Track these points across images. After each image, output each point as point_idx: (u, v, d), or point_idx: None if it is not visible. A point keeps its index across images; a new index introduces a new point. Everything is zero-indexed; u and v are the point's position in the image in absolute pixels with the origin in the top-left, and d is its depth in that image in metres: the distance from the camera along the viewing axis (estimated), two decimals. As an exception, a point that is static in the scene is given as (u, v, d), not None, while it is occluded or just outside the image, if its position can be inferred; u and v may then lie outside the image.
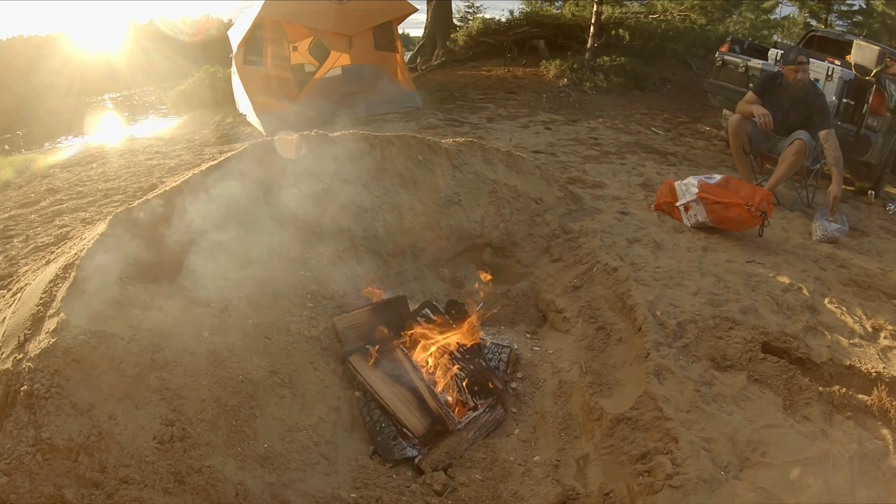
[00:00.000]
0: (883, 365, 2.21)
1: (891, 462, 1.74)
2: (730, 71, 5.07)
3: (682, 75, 8.41)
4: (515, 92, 7.47)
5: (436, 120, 6.33)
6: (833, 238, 3.70)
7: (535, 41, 9.23)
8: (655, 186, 4.59)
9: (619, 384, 2.14)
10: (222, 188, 2.47)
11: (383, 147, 3.32)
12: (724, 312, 2.50)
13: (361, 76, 6.53)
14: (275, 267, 2.38)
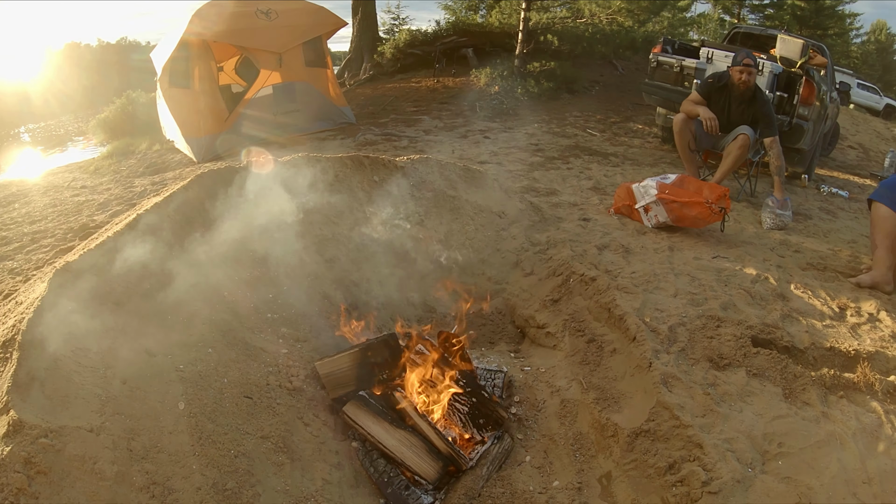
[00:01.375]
0: (857, 342, 2.52)
1: (886, 431, 1.97)
2: (665, 71, 5.55)
3: (609, 76, 9.10)
4: (448, 102, 7.73)
5: (372, 135, 6.41)
6: (783, 225, 4.17)
7: (463, 50, 9.72)
8: (606, 189, 4.92)
9: (625, 397, 2.28)
10: (171, 228, 2.39)
11: (337, 170, 3.34)
12: (706, 311, 2.72)
13: (293, 94, 6.61)
14: (240, 312, 2.31)
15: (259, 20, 6.37)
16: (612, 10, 7.35)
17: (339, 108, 7.18)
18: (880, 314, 2.82)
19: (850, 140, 8.76)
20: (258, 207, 2.81)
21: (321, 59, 7.07)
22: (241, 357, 2.10)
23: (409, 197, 3.56)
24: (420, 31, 10.60)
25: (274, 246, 2.71)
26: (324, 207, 3.13)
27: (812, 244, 3.85)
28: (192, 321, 2.09)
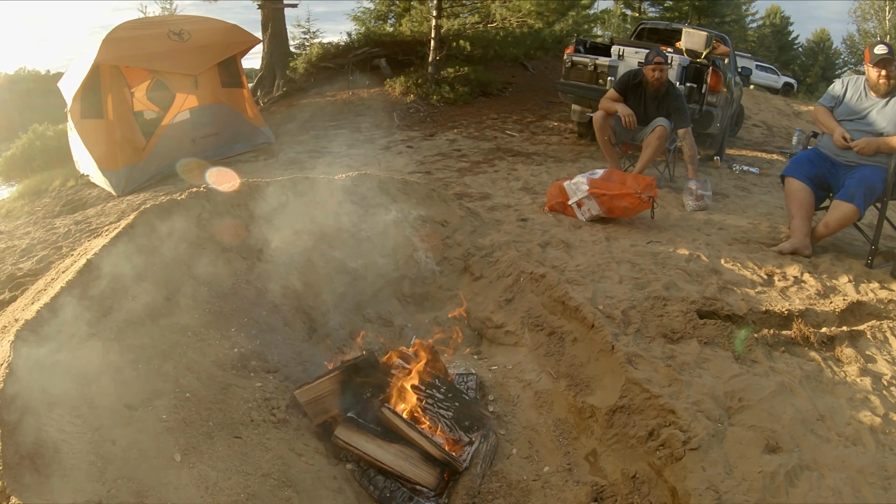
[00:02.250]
0: (787, 303, 2.91)
1: (827, 375, 2.31)
2: (579, 70, 6.01)
3: (521, 77, 9.65)
4: (365, 114, 7.89)
5: (295, 154, 6.43)
6: (704, 206, 4.67)
7: (375, 60, 9.94)
8: (535, 188, 5.26)
9: (594, 380, 2.50)
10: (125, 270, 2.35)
11: (279, 194, 3.38)
12: (652, 293, 3.02)
13: (211, 117, 6.55)
14: (206, 351, 2.31)
15: (172, 42, 6.27)
16: (522, 13, 7.86)
17: (258, 129, 7.19)
18: (804, 276, 3.26)
19: (754, 119, 9.80)
20: (206, 240, 2.82)
21: (237, 79, 7.07)
22: (219, 397, 2.10)
23: (353, 215, 3.65)
24: (332, 44, 10.77)
25: (228, 279, 2.72)
26: (273, 234, 3.17)
27: (733, 220, 4.35)
28: (162, 367, 2.07)
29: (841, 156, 3.51)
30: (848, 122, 3.46)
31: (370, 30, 10.32)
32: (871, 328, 2.67)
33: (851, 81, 3.54)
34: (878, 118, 3.35)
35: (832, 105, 3.58)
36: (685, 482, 1.76)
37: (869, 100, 3.42)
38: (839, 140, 3.41)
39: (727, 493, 1.66)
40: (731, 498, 1.64)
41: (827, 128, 3.54)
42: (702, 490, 1.68)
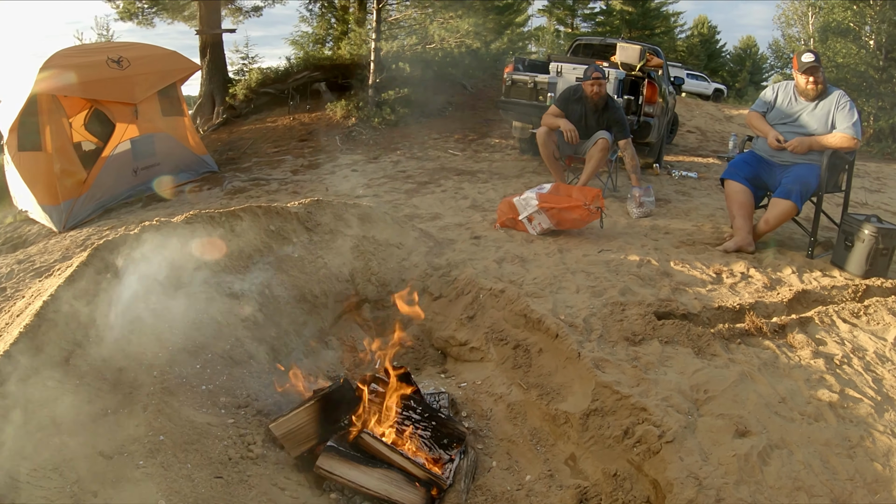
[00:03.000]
0: (737, 298, 3.13)
1: (783, 360, 2.49)
2: (519, 88, 6.27)
3: (460, 96, 9.95)
4: (308, 139, 7.92)
5: (239, 182, 6.38)
6: (648, 212, 4.94)
7: (316, 85, 10.08)
8: (483, 206, 5.41)
9: (564, 387, 2.59)
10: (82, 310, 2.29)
11: (232, 224, 3.36)
12: (609, 299, 3.18)
13: (152, 147, 6.47)
14: (173, 390, 2.25)
15: (111, 70, 6.16)
16: (460, 33, 8.15)
17: (200, 158, 7.14)
18: (750, 271, 3.51)
19: (688, 125, 10.42)
20: (162, 275, 2.78)
21: (178, 107, 7.00)
22: (193, 437, 2.06)
23: (309, 242, 3.68)
24: (271, 69, 10.79)
25: (188, 313, 2.70)
26: (228, 265, 3.16)
27: (678, 224, 4.62)
28: (132, 410, 2.02)
29: (776, 156, 3.82)
30: (781, 126, 3.79)
31: (309, 54, 10.43)
32: (818, 314, 2.90)
33: (781, 87, 3.88)
34: (809, 120, 3.69)
35: (764, 110, 3.91)
36: (665, 473, 1.86)
37: (799, 104, 3.76)
38: (773, 142, 3.73)
39: (707, 479, 1.77)
40: (711, 482, 1.75)
41: (761, 131, 3.86)
42: (682, 478, 1.79)
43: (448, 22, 8.19)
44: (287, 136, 8.55)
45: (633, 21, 17.70)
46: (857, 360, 2.52)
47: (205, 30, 10.75)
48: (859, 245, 3.38)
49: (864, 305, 2.98)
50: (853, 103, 3.58)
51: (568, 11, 17.59)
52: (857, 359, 2.54)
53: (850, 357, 2.55)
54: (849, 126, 3.52)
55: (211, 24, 10.79)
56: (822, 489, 1.72)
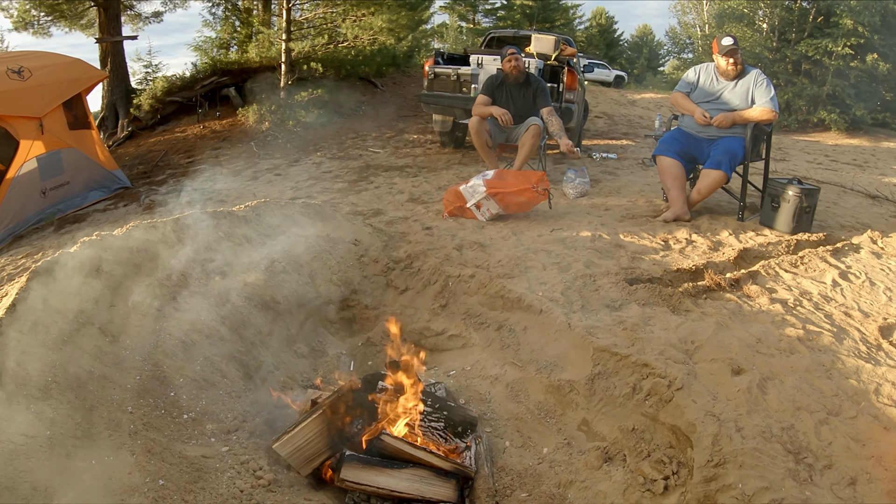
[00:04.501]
0: (690, 260, 3.51)
1: (746, 309, 2.86)
2: (442, 81, 6.47)
3: (371, 94, 10.04)
4: (222, 147, 7.69)
5: (157, 196, 6.11)
6: (584, 191, 5.34)
7: (225, 90, 9.85)
8: (421, 198, 5.56)
9: (560, 358, 2.80)
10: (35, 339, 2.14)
11: (178, 232, 3.24)
12: (577, 273, 3.45)
13: (60, 164, 6.07)
14: (155, 425, 2.15)
15: (12, 81, 5.68)
16: (374, 30, 8.22)
17: (111, 173, 6.78)
18: (693, 237, 3.93)
19: (596, 111, 11.16)
20: (110, 294, 2.64)
21: (84, 120, 6.59)
22: (194, 475, 1.99)
23: (262, 246, 3.62)
24: (177, 76, 10.34)
25: (149, 335, 2.57)
26: (180, 277, 3.04)
27: (614, 201, 5.03)
28: (118, 455, 1.93)
29: (703, 132, 4.31)
30: (705, 103, 4.28)
31: (216, 59, 10.12)
32: (763, 267, 3.35)
33: (703, 69, 4.38)
34: (731, 97, 4.20)
35: (688, 90, 4.38)
36: (684, 417, 2.12)
37: (720, 83, 4.26)
38: (700, 118, 4.20)
39: (722, 414, 2.05)
40: (727, 416, 2.03)
41: (687, 110, 4.33)
42: (702, 417, 2.05)
43: (361, 19, 8.26)
44: (199, 145, 8.26)
45: (533, 14, 18.68)
46: (806, 302, 2.96)
47: (105, 38, 10.23)
48: (785, 205, 3.92)
49: (800, 257, 3.48)
50: (769, 80, 4.13)
51: (469, 7, 18.30)
52: (807, 301, 2.98)
53: (801, 300, 2.99)
54: (767, 101, 4.06)
55: (111, 32, 10.32)
56: (817, 406, 2.06)
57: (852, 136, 11.57)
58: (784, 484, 1.69)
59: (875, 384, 2.20)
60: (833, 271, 3.34)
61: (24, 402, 1.93)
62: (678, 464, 2.06)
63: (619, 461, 2.25)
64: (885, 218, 4.73)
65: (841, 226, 4.32)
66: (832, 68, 11.82)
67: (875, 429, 1.92)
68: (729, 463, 1.83)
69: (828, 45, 11.58)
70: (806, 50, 11.85)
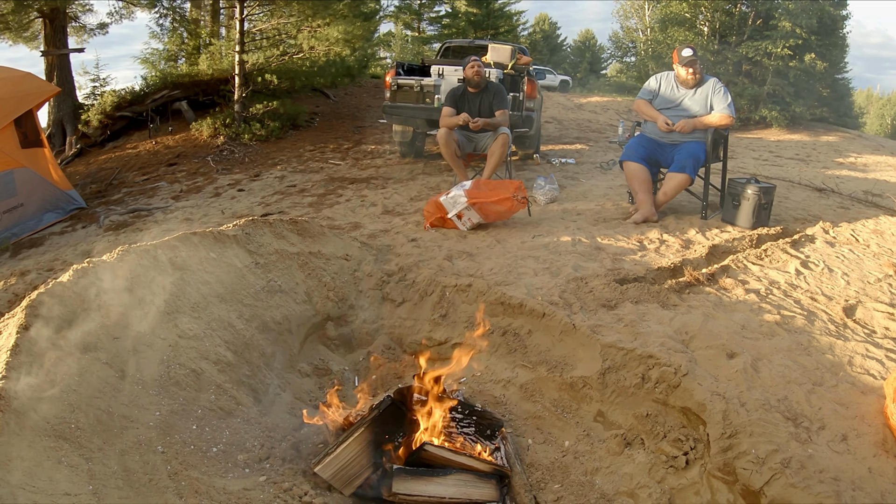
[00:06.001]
0: (667, 259, 3.93)
1: (726, 300, 3.30)
2: (405, 92, 6.75)
3: (325, 105, 10.23)
4: (177, 163, 7.67)
5: (117, 216, 6.08)
6: (554, 197, 5.77)
7: (177, 104, 9.81)
8: (396, 210, 5.82)
9: (569, 357, 3.15)
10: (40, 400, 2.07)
11: (170, 256, 3.32)
12: (568, 276, 3.80)
13: (14, 186, 5.98)
14: (187, 461, 2.26)
15: None
16: (330, 41, 8.40)
17: (66, 193, 6.67)
18: (664, 236, 4.39)
19: (545, 116, 11.70)
20: (113, 327, 2.65)
21: (36, 138, 6.46)
22: None
23: (255, 266, 3.76)
24: (127, 90, 10.11)
25: (158, 367, 2.63)
26: (179, 304, 3.08)
27: (583, 205, 5.47)
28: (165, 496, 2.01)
29: (666, 137, 4.80)
30: (666, 110, 4.77)
31: (166, 72, 9.99)
32: (732, 261, 3.83)
33: (663, 78, 4.87)
34: (691, 104, 4.70)
35: (650, 98, 4.87)
36: (694, 398, 2.50)
37: (681, 91, 4.76)
38: (663, 125, 4.68)
39: (727, 393, 2.44)
40: (731, 394, 2.43)
41: (650, 117, 4.81)
42: (709, 397, 2.44)
43: (317, 31, 8.43)
44: (153, 161, 8.21)
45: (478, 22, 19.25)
46: (776, 291, 3.45)
47: (51, 50, 9.98)
48: (745, 203, 4.44)
49: (763, 250, 3.99)
50: (726, 88, 4.66)
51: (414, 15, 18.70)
52: (776, 289, 3.47)
53: (771, 289, 3.47)
54: (725, 107, 4.58)
55: (57, 45, 10.09)
56: (803, 379, 2.50)
57: (793, 132, 12.69)
58: (789, 445, 2.09)
59: (847, 357, 2.68)
60: (795, 261, 3.87)
61: (54, 456, 1.91)
62: (694, 440, 2.44)
63: (639, 445, 2.61)
64: (833, 209, 5.40)
65: (794, 218, 4.92)
66: (772, 68, 12.93)
67: (854, 394, 2.37)
68: (740, 433, 2.22)
69: (767, 46, 12.67)
70: (746, 52, 12.91)
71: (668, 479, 2.39)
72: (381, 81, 13.22)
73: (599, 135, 9.99)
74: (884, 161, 9.69)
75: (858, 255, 4.12)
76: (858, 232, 4.61)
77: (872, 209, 5.56)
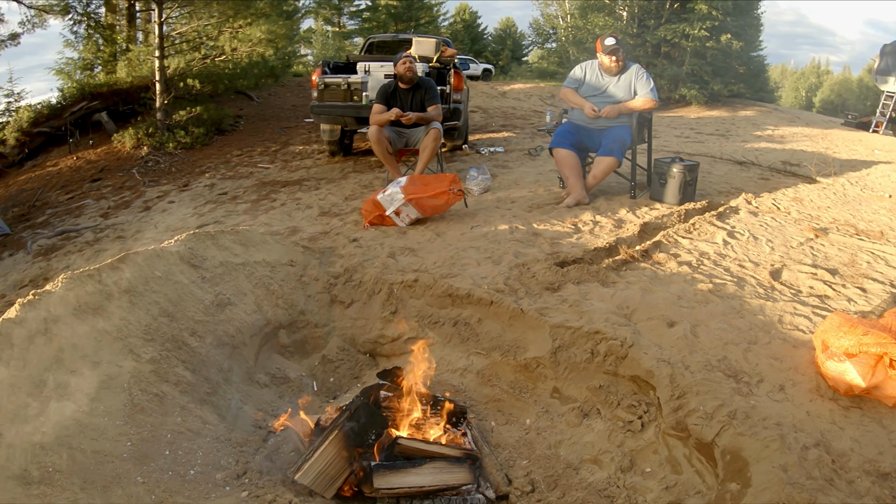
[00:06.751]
0: (602, 239, 4.15)
1: (660, 273, 3.53)
2: (333, 91, 6.72)
3: (248, 108, 10.01)
4: (102, 178, 7.38)
5: (45, 240, 5.78)
6: (487, 187, 5.90)
7: (96, 116, 9.38)
8: (332, 211, 5.82)
9: (520, 341, 3.27)
10: None
11: (115, 279, 3.25)
12: (510, 263, 3.94)
13: None
14: (175, 487, 2.26)
15: None
16: (253, 42, 8.19)
17: None
18: (597, 218, 4.61)
19: (470, 105, 11.86)
20: (72, 359, 2.59)
21: None
22: None
23: (201, 280, 3.71)
24: (44, 104, 9.44)
25: (119, 394, 2.58)
26: (130, 326, 3.02)
27: (516, 193, 5.64)
28: None
29: (592, 123, 5.01)
30: (592, 97, 4.98)
31: (83, 82, 9.41)
32: (663, 236, 4.07)
33: (588, 66, 5.07)
34: (616, 91, 4.93)
35: (576, 86, 5.07)
36: (641, 367, 2.68)
37: (605, 79, 4.98)
38: (590, 112, 4.89)
39: (671, 358, 2.62)
40: (675, 359, 2.61)
41: (577, 104, 5.01)
42: (656, 364, 2.62)
43: (238, 31, 8.22)
44: (76, 178, 7.84)
45: (399, 14, 19.23)
46: (707, 261, 3.70)
47: None
48: (671, 181, 4.72)
49: (691, 224, 4.26)
50: (649, 73, 4.91)
51: (334, 10, 18.53)
52: (707, 260, 3.72)
53: (702, 260, 3.72)
54: (648, 91, 4.83)
55: None
56: (740, 339, 2.72)
57: (712, 109, 13.45)
58: (733, 399, 2.29)
59: (777, 316, 2.93)
60: (721, 232, 4.16)
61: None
62: (646, 404, 2.62)
63: (595, 415, 2.77)
64: (755, 180, 5.80)
65: (718, 192, 5.27)
66: (690, 49, 13.66)
67: (786, 348, 2.61)
68: (688, 393, 2.41)
69: (685, 28, 13.38)
70: (665, 34, 13.59)
71: (627, 442, 2.55)
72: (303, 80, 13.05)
73: (525, 121, 10.24)
74: (799, 132, 10.43)
75: (780, 223, 4.47)
76: (779, 201, 5.00)
77: (791, 178, 6.02)
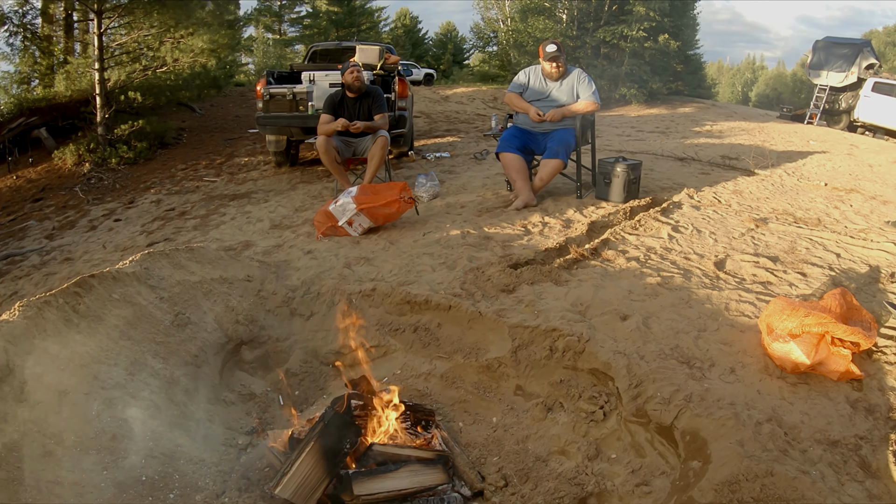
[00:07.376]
0: (552, 239, 4.27)
1: (610, 270, 3.72)
2: (278, 101, 6.68)
3: (191, 120, 9.79)
4: (44, 198, 7.09)
5: None
6: (436, 193, 5.99)
7: (35, 132, 9.01)
8: (284, 224, 5.79)
9: (480, 342, 3.36)
10: None
11: (75, 304, 3.17)
12: (465, 267, 4.03)
13: None
14: None
15: None
16: (195, 52, 7.99)
17: None
18: (546, 219, 4.76)
19: (415, 110, 11.93)
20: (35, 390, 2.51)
21: None
22: None
23: (160, 301, 3.66)
24: None
25: (92, 426, 2.55)
26: (95, 354, 2.98)
27: (465, 198, 5.75)
28: None
29: (537, 127, 5.17)
30: (536, 102, 5.14)
31: (19, 97, 8.94)
32: (611, 234, 4.26)
33: (532, 72, 5.23)
34: (559, 95, 5.10)
35: (521, 91, 5.21)
36: (598, 360, 2.82)
37: (548, 84, 5.15)
38: (535, 116, 5.04)
39: (626, 350, 2.77)
40: (630, 350, 2.76)
41: (522, 108, 5.16)
42: (612, 356, 2.76)
43: (180, 42, 8.02)
44: (17, 198, 7.50)
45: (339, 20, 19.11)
46: (654, 255, 3.90)
47: None
48: (616, 180, 4.92)
49: (637, 220, 4.46)
50: (590, 77, 5.10)
51: (275, 17, 18.26)
52: (653, 254, 3.92)
53: (649, 255, 3.91)
54: (590, 95, 5.02)
55: None
56: (689, 328, 2.90)
57: (652, 107, 13.96)
58: (687, 384, 2.45)
59: (724, 304, 3.13)
60: (666, 227, 4.37)
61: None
62: (606, 395, 2.76)
63: (559, 408, 2.90)
64: (696, 175, 6.10)
65: (661, 188, 5.52)
66: (628, 50, 14.17)
67: (734, 333, 2.79)
68: (645, 382, 2.55)
69: (623, 30, 13.87)
70: (604, 36, 14.06)
71: (592, 431, 2.69)
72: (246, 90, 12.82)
73: (469, 125, 10.39)
74: (737, 126, 10.93)
75: (722, 215, 4.73)
76: (720, 194, 5.27)
77: (730, 172, 6.34)
